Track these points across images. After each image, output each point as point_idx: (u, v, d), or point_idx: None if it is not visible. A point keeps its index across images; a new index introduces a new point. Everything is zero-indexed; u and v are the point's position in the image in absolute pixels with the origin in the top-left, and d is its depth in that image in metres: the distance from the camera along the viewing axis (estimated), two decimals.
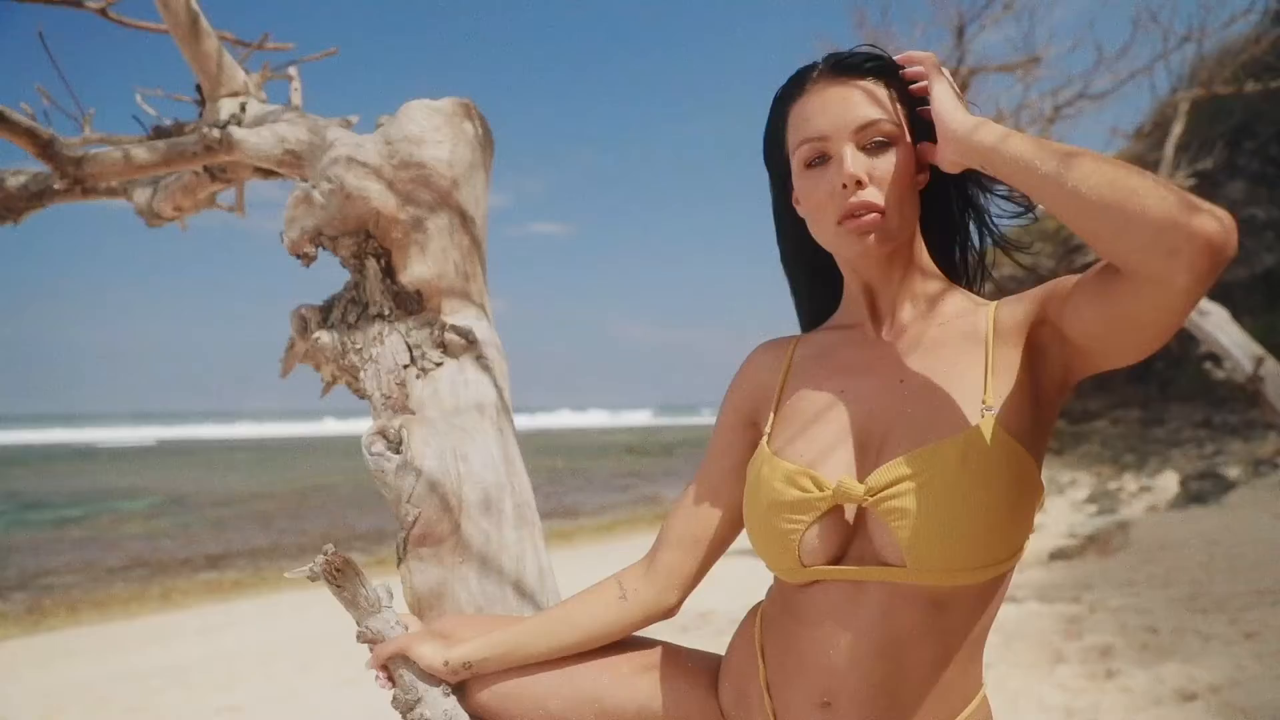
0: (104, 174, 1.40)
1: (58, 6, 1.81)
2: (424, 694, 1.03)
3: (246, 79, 1.58)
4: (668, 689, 1.05)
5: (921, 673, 0.91)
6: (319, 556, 1.04)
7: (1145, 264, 0.76)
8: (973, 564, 0.87)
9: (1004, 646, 4.94)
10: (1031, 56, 6.45)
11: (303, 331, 1.38)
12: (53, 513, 16.06)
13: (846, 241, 0.96)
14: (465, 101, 1.42)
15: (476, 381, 1.32)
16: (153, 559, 10.98)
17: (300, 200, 1.33)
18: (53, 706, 5.22)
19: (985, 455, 0.87)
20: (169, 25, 1.48)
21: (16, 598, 8.94)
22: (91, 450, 40.25)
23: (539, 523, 1.34)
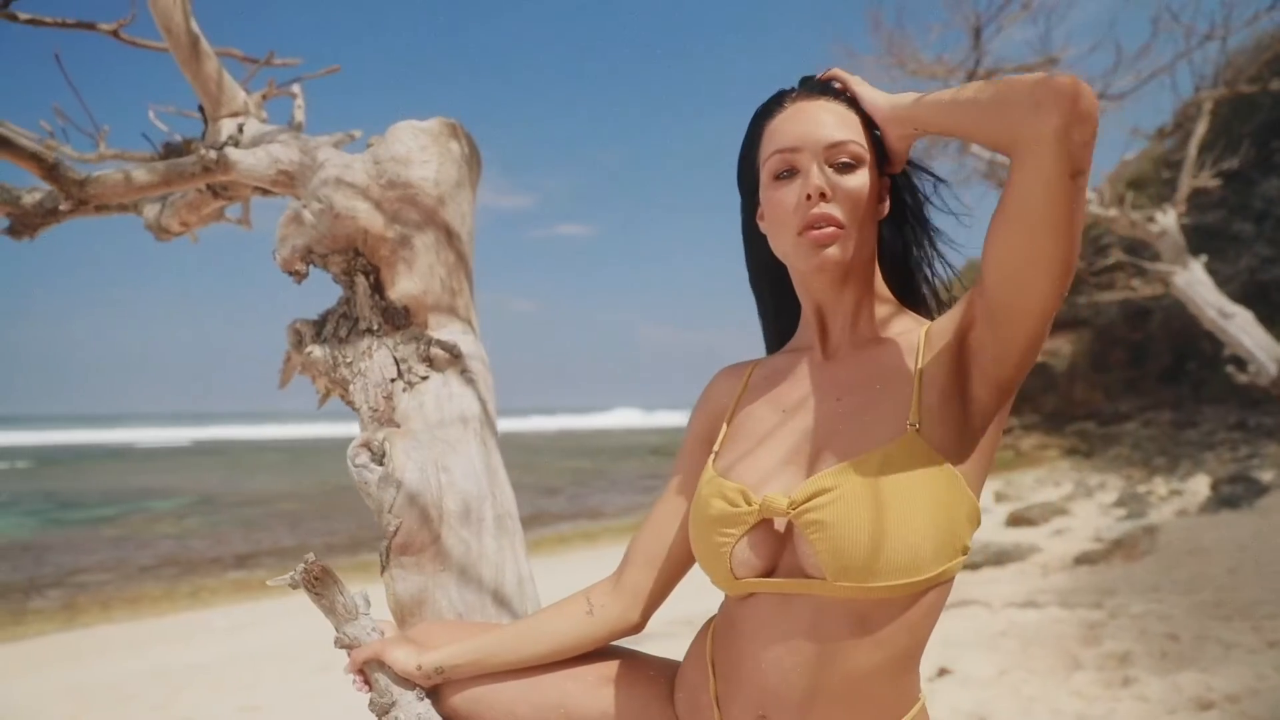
0: (106, 195, 1.46)
1: (73, 30, 1.88)
2: (398, 697, 1.07)
3: (247, 99, 1.63)
4: (629, 697, 1.08)
5: (850, 686, 0.93)
6: (299, 565, 1.08)
7: (1023, 124, 0.83)
8: (891, 577, 0.89)
9: (1021, 652, 4.90)
10: (1049, 57, 6.38)
11: (298, 345, 1.43)
12: (87, 512, 16.43)
13: (804, 252, 0.99)
14: (451, 121, 1.46)
15: (461, 395, 1.36)
16: (183, 558, 11.20)
17: (291, 219, 1.37)
18: (82, 702, 5.35)
19: (904, 469, 0.90)
20: (171, 48, 1.53)
21: (52, 594, 9.17)
22: (127, 450, 41.04)
23: (520, 532, 1.37)
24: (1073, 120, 0.80)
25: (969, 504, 0.93)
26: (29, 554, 11.81)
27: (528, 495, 18.37)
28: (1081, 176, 0.83)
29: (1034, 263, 0.86)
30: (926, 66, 6.87)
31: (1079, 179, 0.82)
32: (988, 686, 4.39)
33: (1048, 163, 0.82)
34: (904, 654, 0.95)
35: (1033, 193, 0.84)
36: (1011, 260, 0.88)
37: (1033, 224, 0.85)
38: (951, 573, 0.93)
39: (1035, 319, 0.90)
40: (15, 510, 16.97)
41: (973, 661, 4.83)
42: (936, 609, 0.95)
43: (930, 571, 0.90)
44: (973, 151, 7.05)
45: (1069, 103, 0.80)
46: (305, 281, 1.53)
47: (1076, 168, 0.82)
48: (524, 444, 42.68)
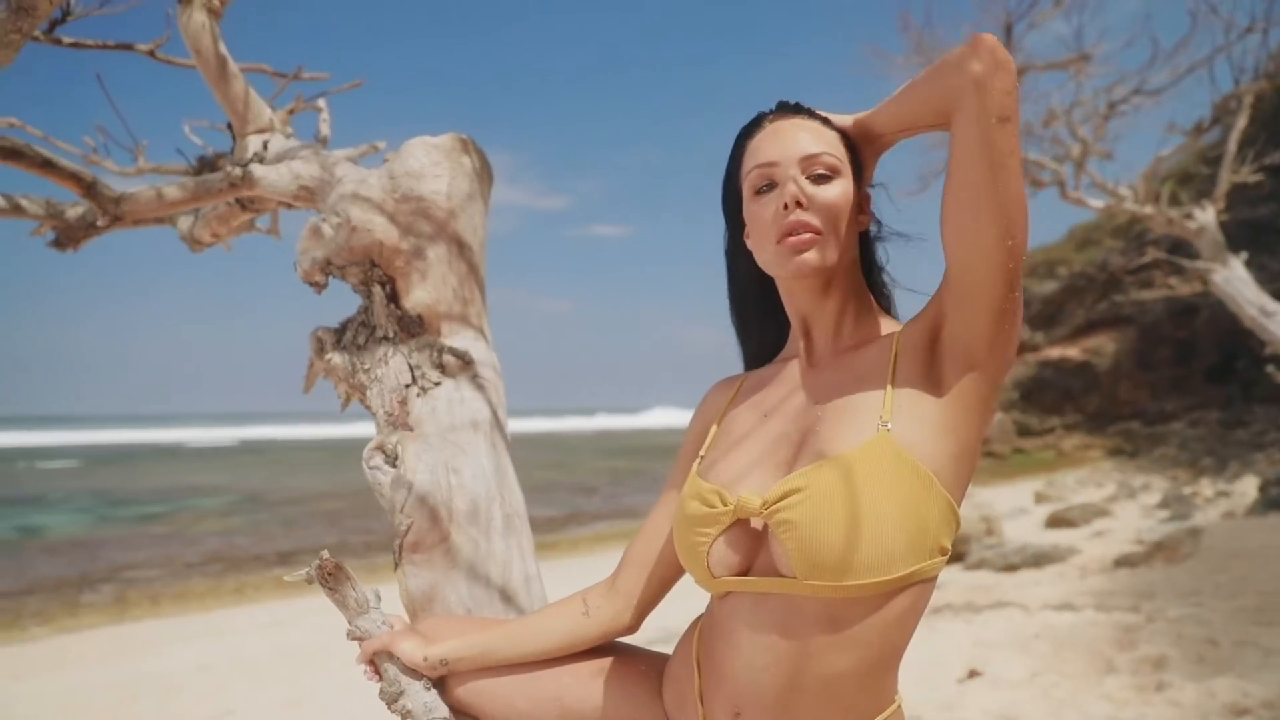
0: (139, 211, 1.55)
1: (112, 51, 1.98)
2: (406, 687, 1.13)
3: (273, 116, 1.71)
4: (621, 692, 1.13)
5: (821, 685, 0.94)
6: (314, 561, 1.15)
7: (951, 81, 0.91)
8: (861, 575, 0.90)
9: (1053, 655, 4.86)
10: (1082, 53, 6.27)
11: (319, 352, 1.50)
12: (137, 509, 16.90)
13: (783, 259, 1.03)
14: (463, 137, 1.52)
15: (472, 400, 1.41)
16: (228, 555, 11.49)
17: (311, 233, 1.44)
18: (130, 694, 5.53)
19: (873, 469, 0.91)
20: (201, 69, 1.61)
21: (104, 589, 9.47)
22: (176, 450, 42.04)
23: (529, 532, 1.43)
24: (990, 68, 0.88)
25: (942, 503, 0.93)
26: (82, 550, 12.20)
27: (565, 495, 18.51)
28: (1008, 123, 0.88)
29: (977, 216, 0.90)
30: None
31: (1006, 125, 0.88)
32: (1018, 688, 4.36)
33: (975, 108, 0.88)
34: (877, 656, 0.95)
35: (967, 144, 0.89)
36: (957, 221, 0.93)
37: (972, 178, 0.89)
38: (926, 573, 0.94)
39: (991, 284, 0.92)
40: (68, 507, 17.52)
41: (1004, 663, 4.79)
42: (913, 612, 0.96)
43: (901, 570, 0.91)
44: None
45: (986, 53, 0.88)
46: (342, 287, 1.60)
47: (1002, 113, 0.88)
48: (561, 444, 42.94)
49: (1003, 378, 0.98)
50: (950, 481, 0.95)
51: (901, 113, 1.02)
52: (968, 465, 0.97)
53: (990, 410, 0.99)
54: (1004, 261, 0.91)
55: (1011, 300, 0.93)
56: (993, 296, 0.92)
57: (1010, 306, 0.93)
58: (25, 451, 39.64)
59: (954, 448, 0.95)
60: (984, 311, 0.93)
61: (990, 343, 0.95)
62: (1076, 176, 7.03)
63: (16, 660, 6.77)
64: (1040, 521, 10.98)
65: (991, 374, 0.96)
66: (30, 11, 0.96)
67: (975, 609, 6.46)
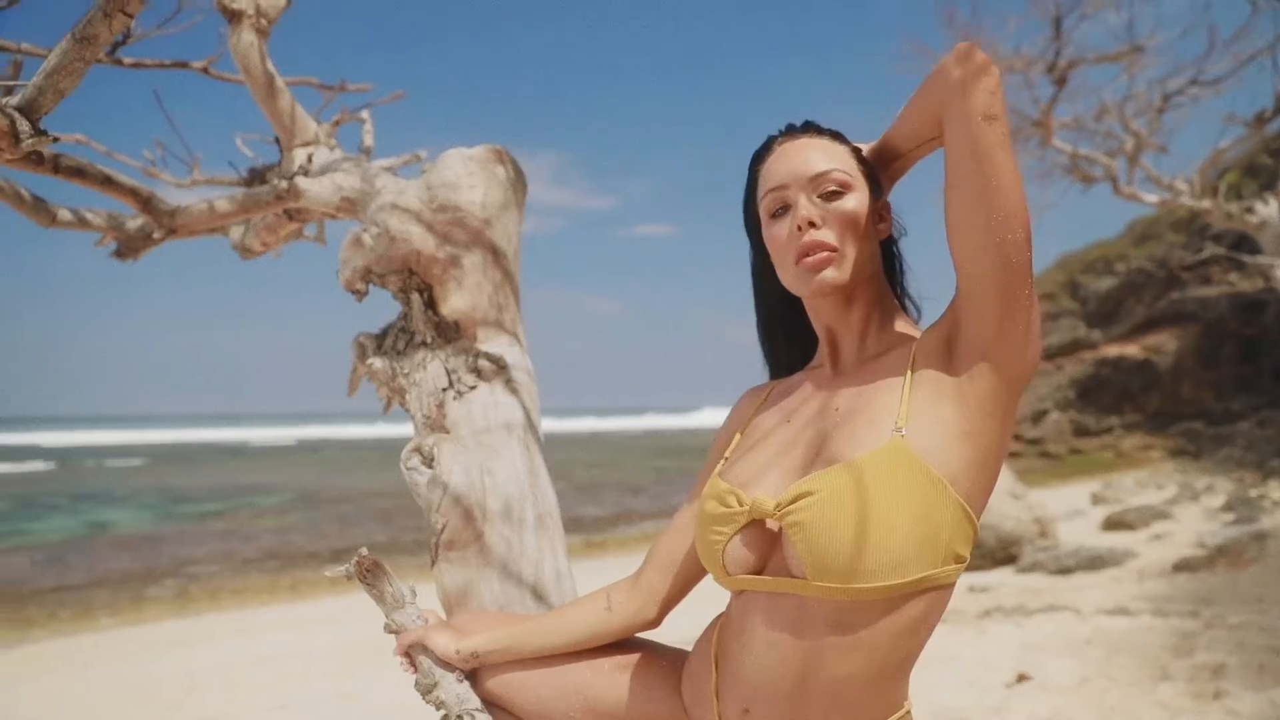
0: (193, 223, 1.63)
1: (169, 70, 2.07)
2: (440, 679, 1.18)
3: (317, 129, 1.78)
4: (642, 686, 1.16)
5: (827, 687, 0.96)
6: (354, 558, 1.20)
7: (939, 89, 0.95)
8: (869, 578, 0.91)
9: (1106, 660, 4.76)
10: (1134, 45, 6.10)
11: (361, 357, 1.56)
12: (198, 506, 17.44)
13: (803, 279, 1.05)
14: (497, 148, 1.57)
15: (506, 403, 1.46)
16: (284, 552, 11.79)
17: (352, 242, 1.51)
18: (194, 684, 5.73)
19: (885, 474, 0.92)
20: (250, 86, 1.69)
21: (167, 583, 9.80)
22: (238, 448, 43.22)
23: (561, 531, 1.47)
24: (971, 71, 0.91)
25: (956, 510, 0.93)
26: (147, 545, 12.64)
27: (613, 494, 18.61)
28: (995, 121, 0.91)
29: (973, 215, 0.92)
30: (1004, 60, 6.68)
31: (993, 123, 0.91)
32: (1067, 694, 4.29)
33: (960, 110, 0.92)
34: (886, 660, 0.96)
35: (957, 145, 0.93)
36: (956, 222, 0.95)
37: (964, 177, 0.92)
38: (940, 580, 0.94)
39: (995, 282, 0.92)
40: (134, 504, 18.16)
41: (1054, 668, 4.71)
42: (925, 619, 0.96)
43: (910, 576, 0.92)
44: (1054, 144, 6.84)
45: (966, 58, 0.92)
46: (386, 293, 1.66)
47: (987, 111, 0.90)
48: (610, 443, 43.11)
49: (1023, 383, 0.97)
50: (967, 488, 0.95)
51: (905, 127, 1.05)
52: (987, 472, 0.97)
53: (1011, 417, 0.98)
54: (1004, 258, 0.92)
55: (1020, 298, 0.93)
56: (999, 295, 0.93)
57: (1019, 304, 0.93)
58: (94, 450, 41.13)
59: (971, 454, 0.95)
60: (992, 311, 0.94)
61: (1002, 343, 0.94)
62: (1130, 171, 6.86)
63: (89, 650, 7.06)
64: (1097, 524, 10.72)
65: (1010, 378, 0.96)
66: (93, 41, 1.02)
67: (1026, 612, 6.34)
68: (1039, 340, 0.97)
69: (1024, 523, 9.03)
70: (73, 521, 15.51)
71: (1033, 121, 6.96)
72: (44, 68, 1.03)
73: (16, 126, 1.03)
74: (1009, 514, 9.04)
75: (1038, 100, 6.94)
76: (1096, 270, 29.09)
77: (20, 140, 1.03)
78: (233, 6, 1.64)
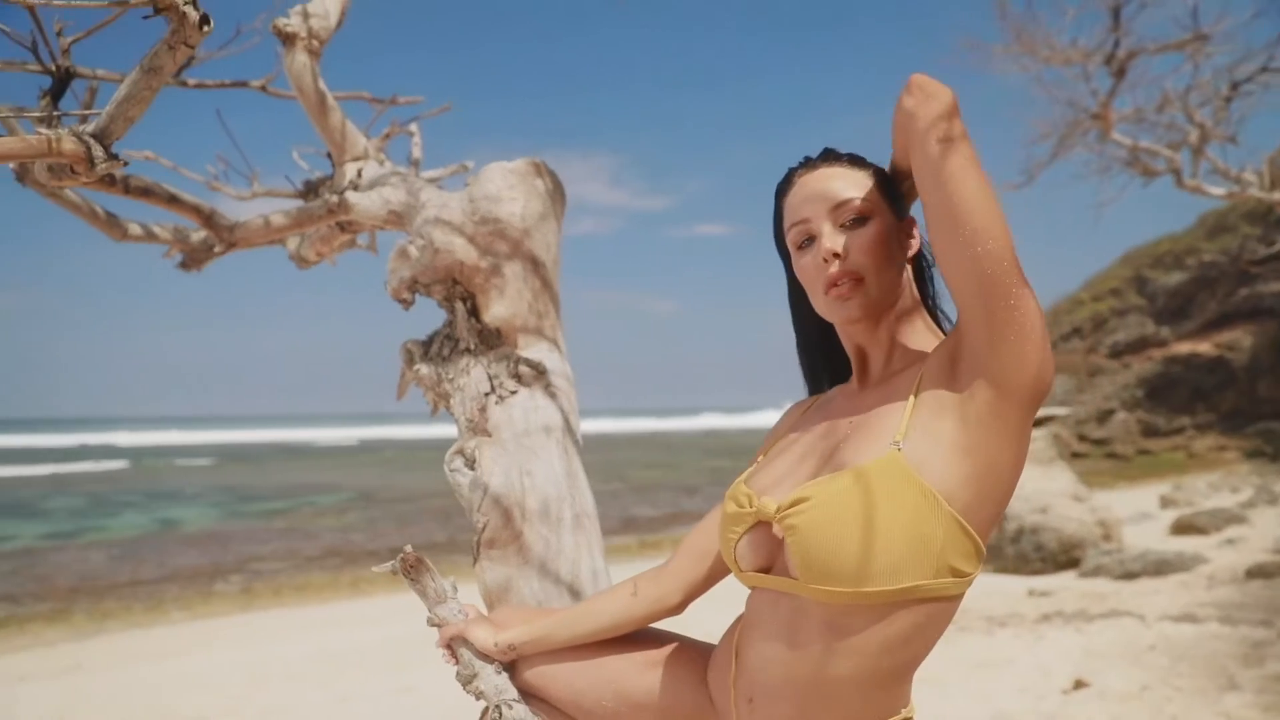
0: (251, 237, 1.72)
1: (229, 89, 2.17)
2: (479, 670, 1.25)
3: (367, 144, 1.85)
4: (671, 677, 1.21)
5: (820, 686, 1.00)
6: (399, 555, 1.27)
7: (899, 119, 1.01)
8: (852, 583, 0.94)
9: (1169, 668, 4.63)
10: (1197, 33, 5.89)
11: (409, 363, 1.63)
12: (263, 505, 17.98)
13: (833, 308, 1.09)
14: (536, 161, 1.62)
15: (545, 407, 1.51)
16: (344, 550, 12.10)
17: (399, 254, 1.58)
18: (258, 677, 5.94)
19: (876, 485, 0.95)
20: (302, 104, 1.78)
21: (233, 579, 10.15)
22: (303, 449, 44.39)
23: (598, 530, 1.52)
24: (920, 99, 0.97)
25: (950, 524, 0.95)
26: (214, 542, 13.10)
27: (668, 494, 18.67)
28: (950, 143, 0.95)
29: (945, 232, 0.96)
30: (1060, 52, 6.52)
31: (949, 144, 0.95)
32: (1126, 701, 4.19)
33: (918, 137, 0.97)
34: (876, 667, 0.99)
35: (920, 169, 0.98)
36: (933, 241, 0.99)
37: (931, 198, 0.97)
38: (934, 592, 0.95)
39: (976, 295, 0.94)
40: (202, 502, 18.81)
41: (1114, 675, 4.61)
42: (921, 630, 0.98)
43: (897, 584, 0.94)
44: (1114, 138, 6.66)
45: (917, 89, 0.98)
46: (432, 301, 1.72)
47: (942, 136, 0.95)
48: (667, 443, 43.16)
49: (1030, 395, 0.96)
50: (964, 503, 0.96)
51: (901, 156, 1.08)
52: (991, 488, 0.97)
53: (1021, 432, 0.97)
54: (982, 271, 0.93)
55: (1005, 309, 0.93)
56: (984, 308, 0.94)
57: (1006, 315, 0.93)
58: (166, 450, 42.67)
59: (971, 469, 0.96)
60: (982, 325, 0.95)
61: (995, 356, 0.94)
62: (1194, 163, 6.64)
63: (161, 642, 7.36)
64: (1165, 527, 10.40)
65: (1011, 392, 0.95)
66: (159, 71, 1.10)
67: (1087, 618, 6.20)
68: (1041, 351, 0.95)
69: (1087, 525, 8.80)
70: (145, 518, 16.15)
71: (1091, 114, 6.79)
72: (115, 97, 1.11)
73: (92, 152, 1.10)
74: (1071, 516, 8.82)
75: (1096, 92, 6.77)
76: (1165, 265, 28.17)
77: (95, 165, 1.11)
78: (286, 30, 1.72)
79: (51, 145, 1.07)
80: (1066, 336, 31.26)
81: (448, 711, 4.82)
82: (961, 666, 5.17)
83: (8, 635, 7.84)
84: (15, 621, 8.31)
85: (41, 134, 1.08)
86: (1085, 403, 27.97)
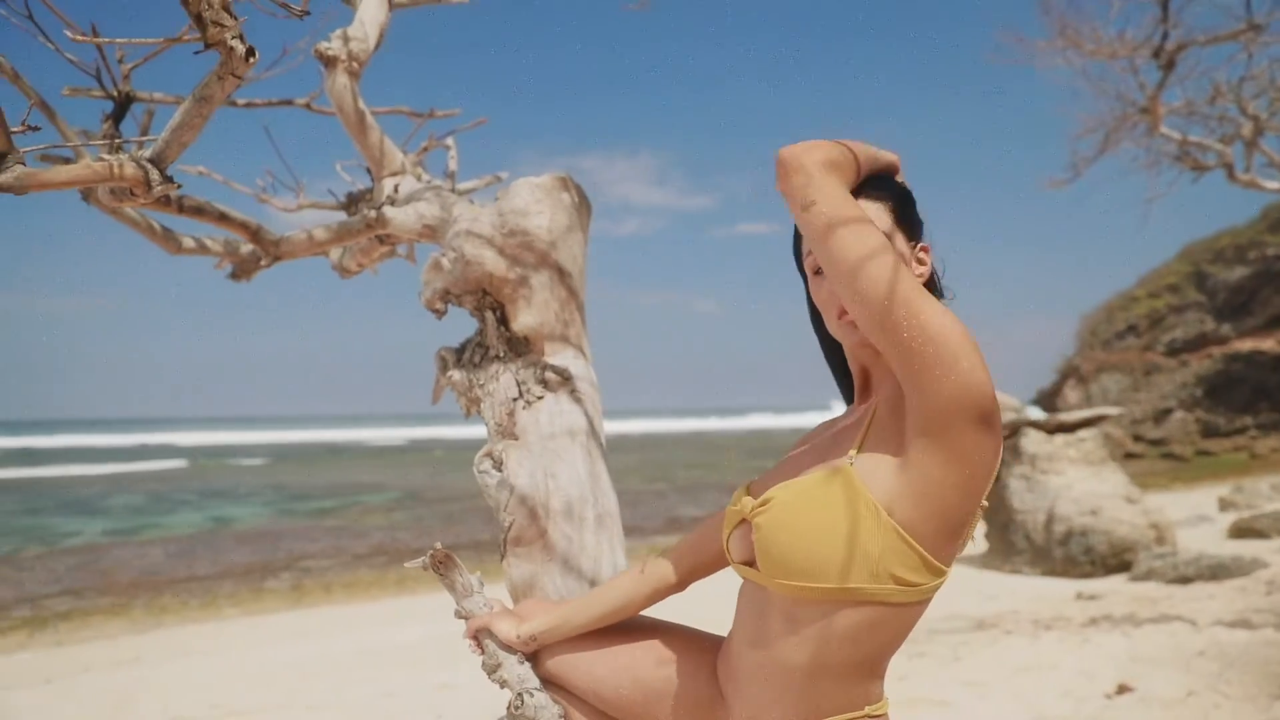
0: (295, 250, 1.82)
1: (276, 108, 2.28)
2: (503, 660, 1.32)
3: (404, 159, 1.94)
4: (686, 665, 1.28)
5: (778, 672, 1.09)
6: (429, 552, 1.35)
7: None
8: (796, 578, 1.04)
9: (1218, 675, 4.54)
10: (1251, 22, 5.72)
11: (443, 369, 1.71)
12: (313, 503, 18.40)
13: (845, 333, 1.16)
14: (563, 176, 1.70)
15: (570, 411, 1.58)
16: (391, 548, 12.35)
17: (432, 266, 1.66)
18: (307, 673, 6.11)
19: (825, 492, 1.05)
20: (342, 122, 1.87)
21: (284, 576, 10.42)
22: (354, 448, 45.25)
23: (619, 529, 1.58)
24: (780, 174, 1.07)
25: (890, 535, 1.01)
26: (266, 539, 13.45)
27: (712, 494, 18.68)
28: (810, 208, 1.04)
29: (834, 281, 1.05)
30: (1107, 46, 6.41)
31: (809, 210, 1.04)
32: (1170, 707, 4.13)
33: (793, 210, 1.08)
34: (828, 661, 1.07)
35: (804, 232, 1.08)
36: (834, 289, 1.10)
37: (818, 253, 1.05)
38: (877, 597, 1.02)
39: (871, 332, 1.02)
40: (255, 501, 19.31)
41: (1159, 680, 4.53)
42: (868, 630, 1.05)
43: (838, 583, 1.02)
44: (1162, 132, 6.52)
45: (778, 165, 1.07)
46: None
47: (802, 202, 1.05)
48: (711, 444, 43.13)
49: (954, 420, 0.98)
50: (906, 516, 1.01)
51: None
52: (934, 503, 1.01)
53: (959, 453, 0.99)
54: (869, 313, 1.00)
55: (902, 343, 0.98)
56: (885, 343, 1.01)
57: (905, 349, 0.98)
58: (221, 449, 43.81)
59: (908, 485, 1.01)
60: (892, 358, 1.01)
61: (911, 381, 0.99)
62: (1248, 157, 6.47)
63: (214, 638, 7.61)
64: (1223, 531, 10.12)
65: (935, 417, 0.99)
66: (209, 100, 1.18)
67: (1135, 622, 6.09)
68: (956, 375, 0.97)
69: (1138, 528, 8.61)
70: (200, 516, 16.64)
71: (1139, 108, 6.66)
72: (170, 124, 1.20)
73: (149, 176, 1.20)
74: (1122, 518, 8.63)
75: (1144, 85, 6.64)
76: (1226, 259, 27.38)
77: (152, 188, 1.21)
78: (328, 53, 1.81)
79: (113, 171, 1.17)
80: (1121, 334, 30.52)
81: (488, 707, 4.92)
82: (1004, 670, 5.12)
83: (72, 628, 8.17)
84: (79, 614, 8.66)
85: (104, 160, 1.17)
86: (1141, 402, 27.29)
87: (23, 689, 6.06)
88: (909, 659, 5.49)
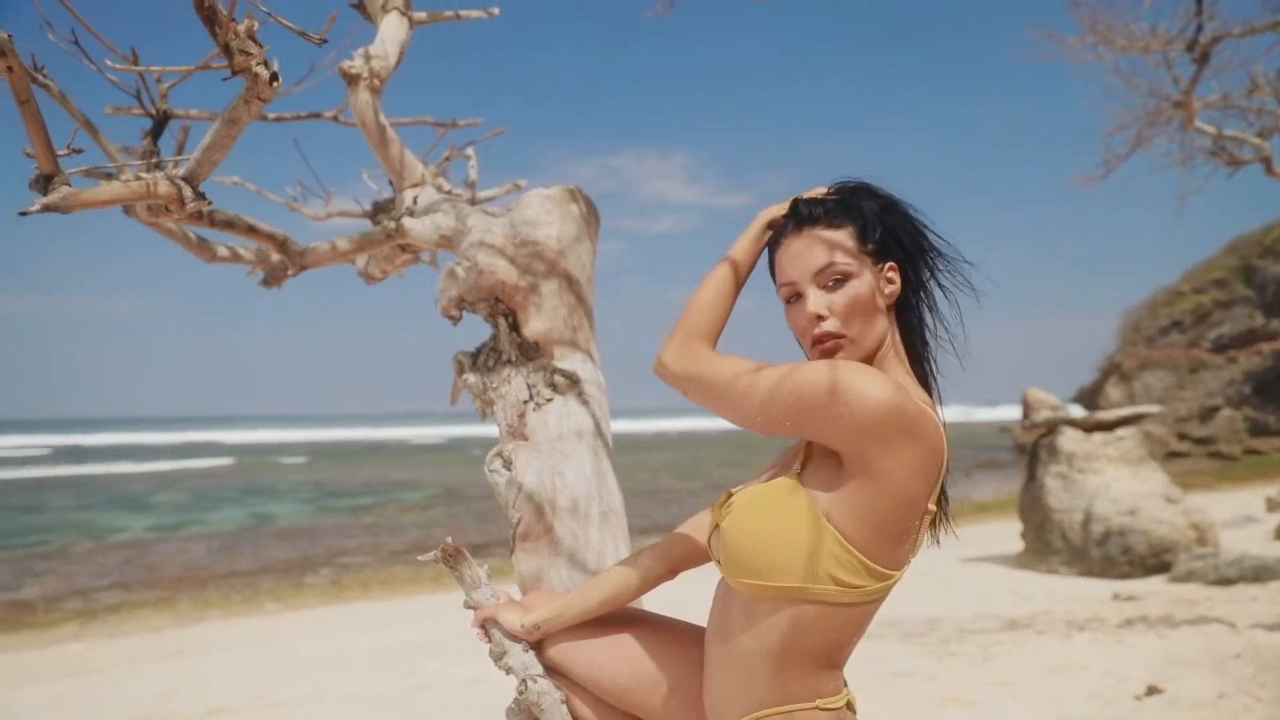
0: (320, 260, 1.91)
1: (305, 121, 2.38)
2: (509, 648, 1.39)
3: (424, 171, 2.02)
4: (682, 660, 1.34)
5: (735, 659, 1.18)
6: (440, 546, 1.43)
7: None
8: (745, 576, 1.14)
9: (1251, 678, 4.48)
10: None
11: (459, 372, 1.79)
12: (351, 501, 18.73)
13: (812, 356, 1.24)
14: (572, 188, 1.77)
15: (578, 413, 1.66)
16: (427, 545, 12.42)
17: (448, 275, 1.74)
18: (344, 666, 6.27)
19: (773, 499, 1.16)
20: (365, 137, 1.96)
21: (323, 572, 10.66)
22: (393, 446, 45.87)
23: (624, 527, 1.65)
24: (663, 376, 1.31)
25: (830, 540, 1.11)
26: (305, 536, 13.74)
27: None
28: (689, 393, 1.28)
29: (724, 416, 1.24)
30: (1139, 41, 6.32)
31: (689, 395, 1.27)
32: (1199, 709, 4.09)
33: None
34: (781, 652, 1.15)
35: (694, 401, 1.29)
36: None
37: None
38: (820, 596, 1.12)
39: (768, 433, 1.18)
40: (295, 498, 19.69)
41: (1191, 682, 4.49)
42: (815, 627, 1.13)
43: (783, 582, 1.12)
44: (1197, 126, 6.42)
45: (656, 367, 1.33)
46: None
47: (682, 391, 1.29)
48: (745, 443, 43.04)
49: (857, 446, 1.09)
50: (842, 523, 1.11)
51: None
52: (866, 513, 1.11)
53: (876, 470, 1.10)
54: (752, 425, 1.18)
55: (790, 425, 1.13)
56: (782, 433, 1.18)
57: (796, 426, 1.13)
58: (263, 448, 44.69)
59: (841, 496, 1.12)
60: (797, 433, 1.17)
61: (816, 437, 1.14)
62: None
63: (256, 631, 7.82)
64: (1270, 532, 9.91)
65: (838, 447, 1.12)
66: (237, 122, 1.27)
67: (1172, 623, 6.02)
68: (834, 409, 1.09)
69: (1179, 528, 8.47)
70: (242, 513, 17.03)
71: (1173, 103, 6.57)
72: (201, 144, 1.29)
73: (183, 193, 1.29)
74: (1161, 518, 8.49)
75: (1177, 79, 6.53)
76: (1276, 253, 26.70)
77: (185, 204, 1.29)
78: (350, 71, 1.90)
79: (150, 188, 1.26)
80: (1165, 330, 29.88)
81: None
82: (1034, 670, 5.10)
83: (120, 620, 8.45)
84: (127, 607, 8.94)
85: (142, 178, 1.26)
86: (1186, 400, 26.70)
87: (75, 678, 6.29)
88: (939, 659, 5.48)
